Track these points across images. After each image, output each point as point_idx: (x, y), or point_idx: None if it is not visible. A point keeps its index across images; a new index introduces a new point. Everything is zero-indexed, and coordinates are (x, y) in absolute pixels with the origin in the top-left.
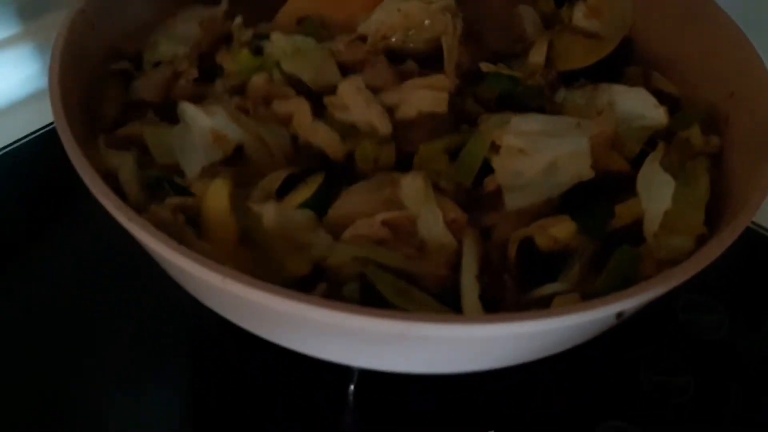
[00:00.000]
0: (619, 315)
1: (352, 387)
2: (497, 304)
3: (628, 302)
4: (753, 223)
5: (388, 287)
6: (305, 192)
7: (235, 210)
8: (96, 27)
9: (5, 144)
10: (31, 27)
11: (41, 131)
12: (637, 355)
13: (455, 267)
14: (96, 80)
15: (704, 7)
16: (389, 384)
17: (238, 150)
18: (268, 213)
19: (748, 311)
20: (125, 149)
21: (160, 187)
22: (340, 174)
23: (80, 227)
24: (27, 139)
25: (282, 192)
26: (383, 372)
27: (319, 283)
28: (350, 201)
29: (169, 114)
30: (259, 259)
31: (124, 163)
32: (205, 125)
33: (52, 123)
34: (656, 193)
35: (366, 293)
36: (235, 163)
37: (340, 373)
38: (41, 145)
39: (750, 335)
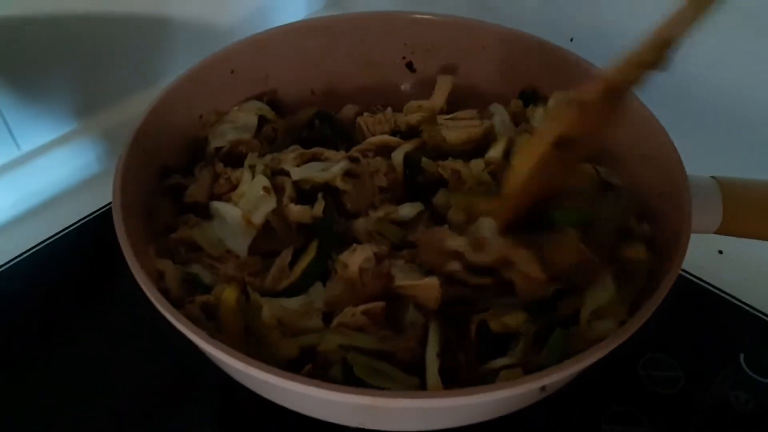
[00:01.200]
0: (543, 388)
1: None
2: (456, 375)
3: (549, 379)
4: (712, 286)
5: (363, 370)
6: (308, 256)
7: (241, 310)
8: (149, 150)
9: (62, 227)
10: (86, 123)
11: (94, 215)
12: (600, 408)
13: (422, 341)
14: (151, 193)
15: (640, 114)
16: None
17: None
18: (265, 308)
19: (703, 368)
20: (176, 249)
21: (195, 282)
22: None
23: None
24: (80, 222)
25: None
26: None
27: (307, 364)
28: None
29: (203, 210)
30: (260, 346)
31: (168, 268)
32: (236, 214)
33: (101, 208)
34: (598, 295)
35: (347, 373)
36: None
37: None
38: (94, 228)
39: (703, 390)
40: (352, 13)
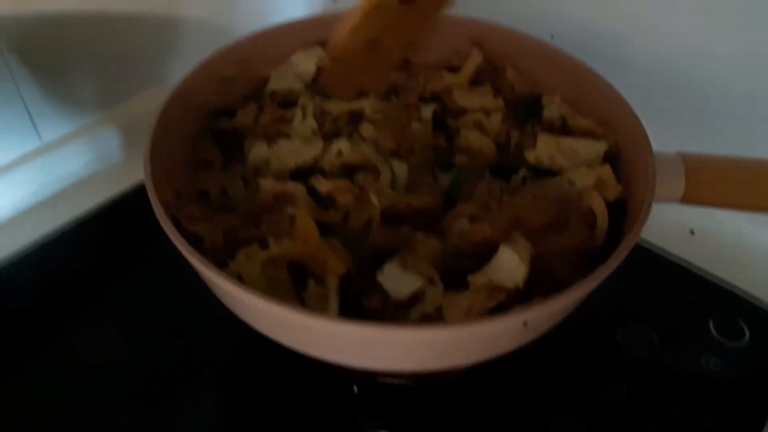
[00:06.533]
0: (525, 324)
1: (355, 388)
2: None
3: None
4: (685, 262)
5: None
6: None
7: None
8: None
9: (80, 213)
10: (104, 116)
11: (111, 200)
12: (580, 368)
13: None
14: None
15: (607, 94)
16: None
17: None
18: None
19: (676, 334)
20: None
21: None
22: None
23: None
24: (97, 209)
25: None
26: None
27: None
28: None
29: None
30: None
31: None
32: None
33: (117, 196)
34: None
35: None
36: None
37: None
38: (111, 213)
39: (676, 353)
40: None
